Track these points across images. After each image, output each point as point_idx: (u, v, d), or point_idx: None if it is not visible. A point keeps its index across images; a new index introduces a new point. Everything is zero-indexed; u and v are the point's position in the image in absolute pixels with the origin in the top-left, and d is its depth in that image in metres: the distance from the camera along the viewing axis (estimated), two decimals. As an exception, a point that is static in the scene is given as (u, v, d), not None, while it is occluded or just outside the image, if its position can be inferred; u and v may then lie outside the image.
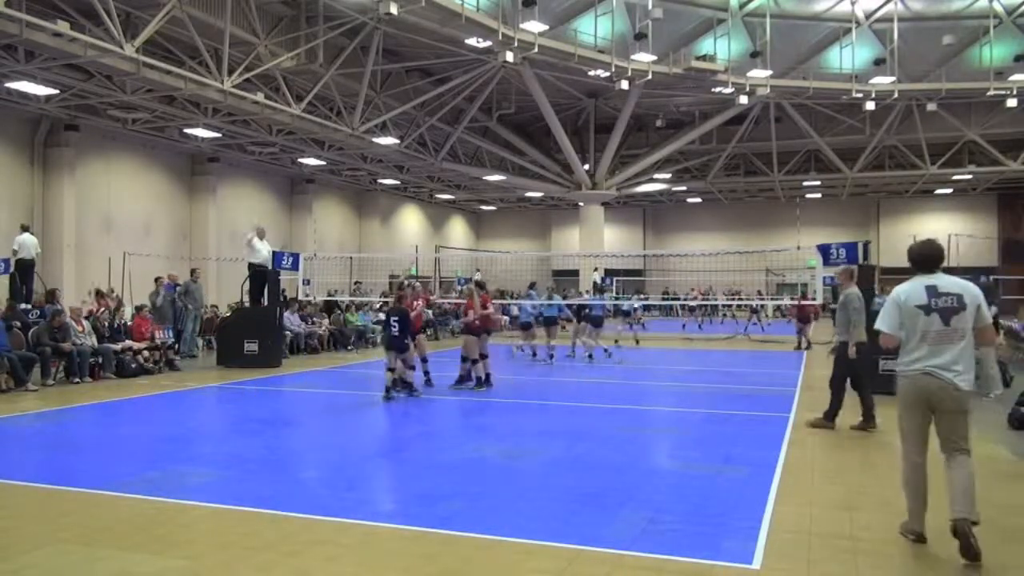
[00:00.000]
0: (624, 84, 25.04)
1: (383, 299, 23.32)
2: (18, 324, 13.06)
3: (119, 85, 18.27)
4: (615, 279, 33.74)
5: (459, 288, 27.40)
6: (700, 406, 10.99)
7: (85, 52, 14.87)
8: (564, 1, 24.21)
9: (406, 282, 13.54)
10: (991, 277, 24.67)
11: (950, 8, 27.35)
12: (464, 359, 12.33)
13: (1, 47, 15.40)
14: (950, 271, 5.10)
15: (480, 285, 13.18)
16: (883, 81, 27.13)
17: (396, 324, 11.06)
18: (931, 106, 28.30)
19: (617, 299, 23.71)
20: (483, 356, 12.19)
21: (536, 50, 22.11)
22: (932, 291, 4.77)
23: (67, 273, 20.63)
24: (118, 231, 23.11)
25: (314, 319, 19.73)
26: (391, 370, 11.15)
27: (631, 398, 10.29)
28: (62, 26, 14.29)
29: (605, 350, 17.08)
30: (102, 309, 14.66)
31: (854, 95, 27.46)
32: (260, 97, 19.33)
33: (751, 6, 27.10)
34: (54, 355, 12.65)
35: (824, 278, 16.10)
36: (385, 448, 8.29)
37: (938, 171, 32.24)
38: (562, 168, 33.35)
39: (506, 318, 24.47)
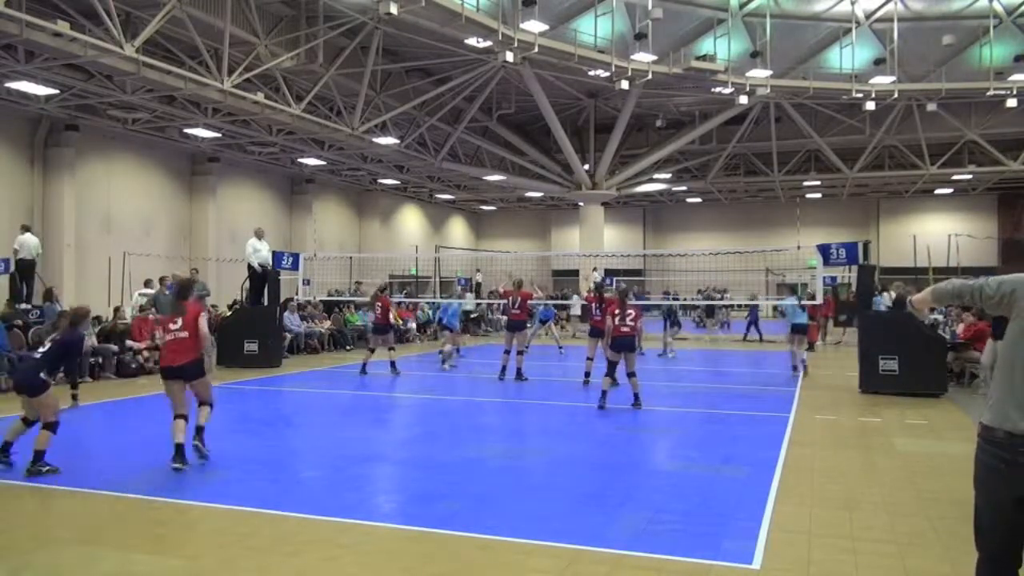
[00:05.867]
0: (624, 84, 25.02)
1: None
2: (18, 324, 13.06)
3: (119, 85, 18.26)
4: (615, 279, 33.69)
5: (459, 288, 27.46)
6: (700, 406, 11.00)
7: (85, 52, 14.86)
8: (564, 1, 24.19)
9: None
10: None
11: (950, 8, 27.32)
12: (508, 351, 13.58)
13: (1, 47, 15.38)
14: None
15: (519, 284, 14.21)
16: (883, 81, 27.12)
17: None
18: (931, 106, 28.28)
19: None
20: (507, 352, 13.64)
21: (536, 50, 22.10)
22: None
23: (67, 273, 20.61)
24: (118, 231, 23.10)
25: (314, 318, 19.76)
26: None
27: (631, 398, 10.28)
28: (62, 26, 14.29)
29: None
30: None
31: (854, 95, 27.44)
32: (260, 97, 19.33)
33: (751, 6, 27.08)
34: (54, 355, 12.64)
35: (824, 278, 16.14)
36: (385, 448, 8.29)
37: (938, 171, 32.21)
38: (562, 168, 33.33)
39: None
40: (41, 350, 6.77)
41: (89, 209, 22.15)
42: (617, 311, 10.21)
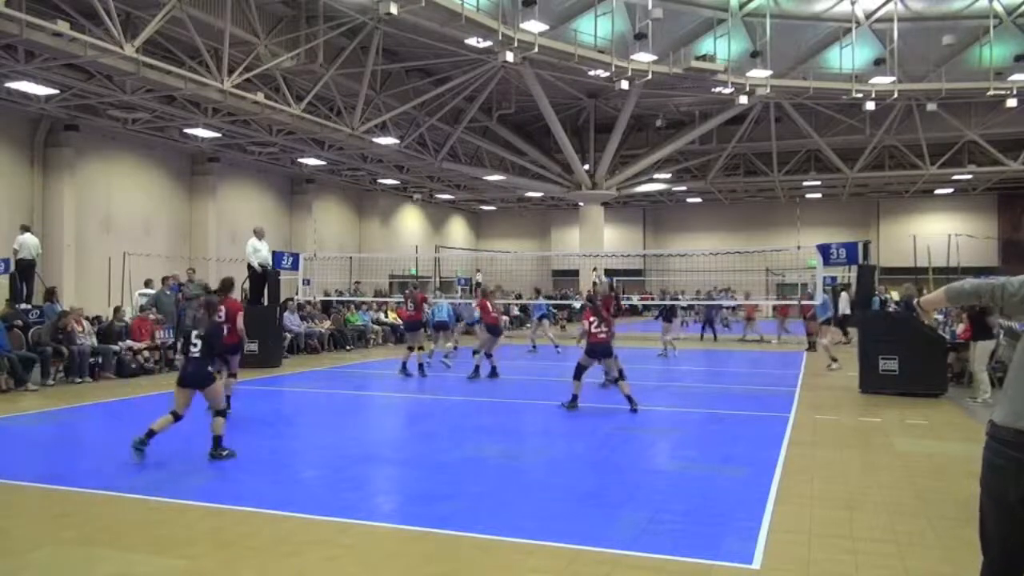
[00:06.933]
0: (624, 84, 25.02)
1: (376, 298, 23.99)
2: (18, 324, 13.05)
3: (119, 85, 18.26)
4: (615, 279, 33.68)
5: (460, 287, 27.50)
6: (700, 406, 11.00)
7: (85, 52, 14.86)
8: (564, 1, 24.19)
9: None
10: (991, 277, 24.63)
11: (950, 8, 27.32)
12: (476, 353, 14.04)
13: (1, 47, 15.38)
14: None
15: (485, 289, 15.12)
16: (883, 81, 27.11)
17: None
18: (931, 106, 28.26)
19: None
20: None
21: (536, 50, 22.10)
22: None
23: (67, 273, 20.60)
24: (118, 231, 23.10)
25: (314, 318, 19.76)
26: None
27: (629, 398, 10.26)
28: (62, 26, 14.28)
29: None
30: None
31: (854, 95, 27.43)
32: (260, 97, 19.32)
33: (751, 6, 27.08)
34: (54, 355, 12.65)
35: (824, 278, 16.18)
36: (385, 448, 8.29)
37: (938, 171, 32.20)
38: (562, 168, 33.33)
39: (505, 318, 24.61)
40: (195, 347, 7.36)
41: (89, 209, 22.15)
42: (593, 318, 10.19)
